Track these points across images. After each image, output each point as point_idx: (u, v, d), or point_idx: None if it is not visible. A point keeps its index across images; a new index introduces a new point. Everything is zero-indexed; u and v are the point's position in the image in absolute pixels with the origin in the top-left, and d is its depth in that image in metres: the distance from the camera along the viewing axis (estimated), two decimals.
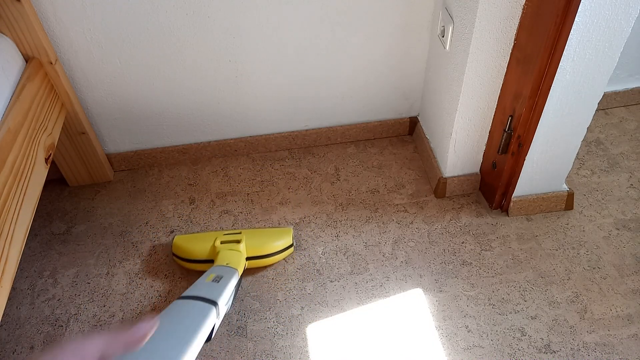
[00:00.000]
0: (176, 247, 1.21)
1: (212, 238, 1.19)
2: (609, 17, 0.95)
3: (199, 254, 1.18)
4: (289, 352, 1.07)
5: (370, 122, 1.55)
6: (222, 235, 1.20)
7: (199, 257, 1.18)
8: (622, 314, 1.11)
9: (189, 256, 1.19)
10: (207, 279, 1.02)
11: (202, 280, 1.02)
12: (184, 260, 1.21)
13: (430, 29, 1.33)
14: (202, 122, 1.45)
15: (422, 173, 1.46)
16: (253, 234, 1.22)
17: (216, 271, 1.06)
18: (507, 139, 1.19)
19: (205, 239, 1.20)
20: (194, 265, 1.20)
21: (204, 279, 1.03)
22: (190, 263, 1.20)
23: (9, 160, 0.94)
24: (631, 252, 1.23)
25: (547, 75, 1.03)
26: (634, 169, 1.44)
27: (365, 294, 1.17)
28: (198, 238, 1.22)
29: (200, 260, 1.18)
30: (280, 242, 1.21)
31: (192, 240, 1.22)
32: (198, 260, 1.19)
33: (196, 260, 1.19)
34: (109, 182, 1.48)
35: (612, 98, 1.63)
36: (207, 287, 0.98)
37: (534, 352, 1.05)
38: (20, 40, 1.12)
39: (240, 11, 1.22)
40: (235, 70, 1.34)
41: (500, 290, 1.17)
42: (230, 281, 1.03)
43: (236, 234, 1.20)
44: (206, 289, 0.97)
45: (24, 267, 1.27)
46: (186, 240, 1.22)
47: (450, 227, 1.31)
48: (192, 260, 1.20)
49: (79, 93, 1.32)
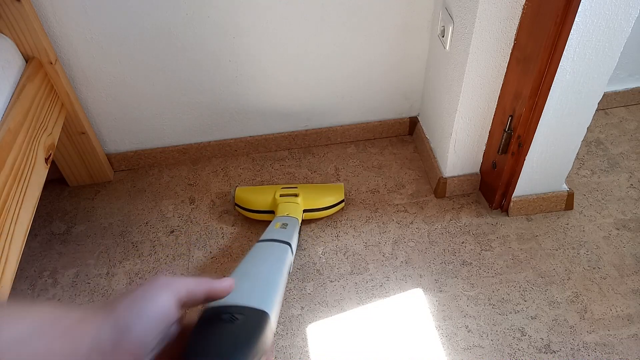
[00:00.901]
0: (239, 199, 1.32)
1: (272, 191, 1.30)
2: (609, 17, 0.95)
3: (261, 205, 1.29)
4: (289, 352, 1.07)
5: (370, 122, 1.55)
6: (280, 189, 1.31)
7: (260, 208, 1.29)
8: (622, 314, 1.11)
9: (251, 207, 1.30)
10: (276, 227, 1.12)
11: (272, 228, 1.12)
12: (246, 210, 1.31)
13: (430, 29, 1.33)
14: (202, 122, 1.45)
15: (422, 173, 1.46)
16: (308, 189, 1.32)
17: (281, 220, 1.16)
18: (507, 139, 1.19)
19: (265, 192, 1.31)
20: (256, 215, 1.31)
21: (273, 226, 1.13)
22: (253, 213, 1.31)
23: (9, 160, 0.94)
24: (631, 252, 1.23)
25: (547, 75, 1.03)
26: (634, 169, 1.44)
27: (365, 294, 1.17)
28: (258, 191, 1.33)
29: (261, 211, 1.29)
30: (333, 197, 1.32)
31: (253, 193, 1.33)
32: (260, 210, 1.29)
33: (258, 210, 1.30)
34: (109, 182, 1.48)
35: (612, 98, 1.63)
36: (278, 232, 1.08)
37: (534, 352, 1.05)
38: (20, 40, 1.12)
39: (240, 11, 1.22)
40: (235, 70, 1.34)
41: (500, 290, 1.17)
42: (295, 228, 1.13)
43: (293, 188, 1.31)
44: (278, 233, 1.07)
45: (24, 267, 1.27)
46: (248, 192, 1.33)
47: (450, 227, 1.31)
48: (255, 211, 1.30)
49: (79, 93, 1.32)
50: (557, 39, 0.97)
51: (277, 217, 1.20)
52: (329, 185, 1.37)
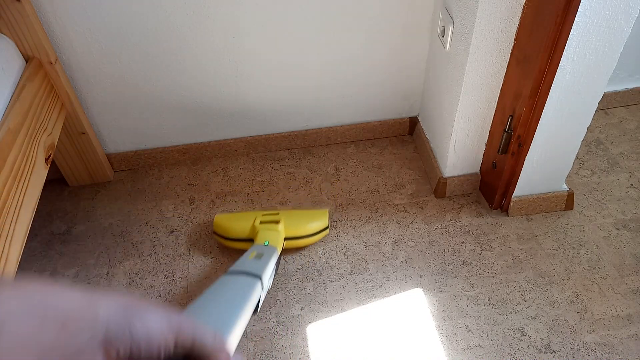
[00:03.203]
0: (217, 226, 1.25)
1: (251, 218, 1.23)
2: (609, 17, 0.95)
3: (239, 233, 1.22)
4: (289, 352, 1.07)
5: (370, 122, 1.55)
6: (261, 215, 1.24)
7: (239, 236, 1.22)
8: (622, 314, 1.11)
9: (230, 235, 1.24)
10: (250, 257, 1.06)
11: (245, 258, 1.07)
12: (225, 238, 1.25)
13: (430, 29, 1.33)
14: (202, 122, 1.45)
15: (422, 173, 1.46)
16: (290, 215, 1.26)
17: (257, 249, 1.10)
18: (507, 139, 1.19)
19: (245, 219, 1.24)
20: (235, 243, 1.24)
21: (247, 256, 1.07)
22: (231, 241, 1.24)
23: (9, 160, 0.94)
24: (631, 252, 1.23)
25: (547, 75, 1.03)
26: (634, 169, 1.44)
27: (365, 294, 1.17)
28: (238, 217, 1.26)
29: (240, 239, 1.22)
30: (317, 223, 1.25)
31: (232, 220, 1.26)
32: (238, 239, 1.23)
33: (237, 239, 1.23)
34: (109, 182, 1.48)
35: (612, 98, 1.63)
36: (250, 263, 1.03)
37: (534, 352, 1.05)
38: (20, 40, 1.12)
39: (240, 11, 1.22)
40: (235, 70, 1.34)
41: (500, 290, 1.17)
42: (271, 258, 1.07)
43: (274, 215, 1.24)
44: (250, 264, 1.02)
45: (24, 267, 1.27)
46: (227, 219, 1.26)
47: (450, 227, 1.31)
48: (233, 239, 1.24)
49: (79, 93, 1.32)
50: (557, 39, 0.97)
51: (255, 245, 1.13)
52: (312, 211, 1.30)
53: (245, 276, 0.95)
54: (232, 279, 0.94)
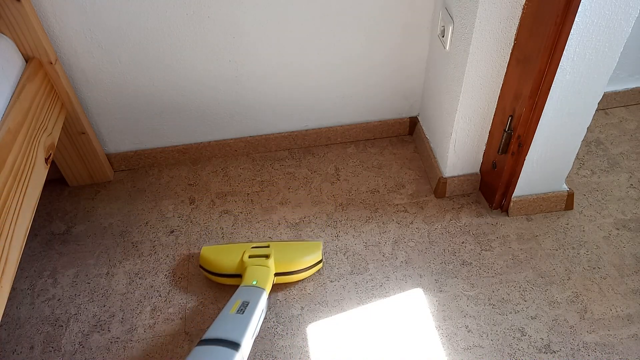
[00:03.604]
0: (204, 260, 1.18)
1: (240, 251, 1.17)
2: (609, 17, 0.95)
3: (227, 268, 1.16)
4: (289, 352, 1.07)
5: (370, 122, 1.55)
6: (250, 248, 1.18)
7: (227, 272, 1.16)
8: (622, 314, 1.11)
9: (217, 270, 1.17)
10: (232, 310, 1.00)
11: (227, 313, 1.00)
12: (211, 273, 1.18)
13: (430, 29, 1.33)
14: (202, 122, 1.45)
15: (422, 173, 1.46)
16: (281, 248, 1.19)
17: (242, 296, 1.05)
18: (507, 139, 1.19)
19: (233, 252, 1.17)
20: (222, 279, 1.18)
21: (229, 309, 1.01)
22: (218, 277, 1.18)
23: (9, 160, 0.94)
24: (631, 252, 1.23)
25: (547, 75, 1.03)
26: (634, 169, 1.44)
27: (365, 294, 1.17)
28: (225, 250, 1.19)
29: (228, 275, 1.16)
30: (310, 257, 1.18)
31: (219, 253, 1.19)
32: (226, 274, 1.16)
33: (224, 274, 1.17)
34: (109, 182, 1.48)
35: (612, 98, 1.63)
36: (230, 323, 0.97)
37: (534, 352, 1.05)
38: (20, 40, 1.12)
39: (240, 11, 1.22)
40: (235, 70, 1.34)
41: (500, 290, 1.17)
42: (257, 307, 1.02)
43: (264, 248, 1.18)
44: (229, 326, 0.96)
45: (24, 267, 1.27)
46: (214, 252, 1.19)
47: (450, 227, 1.31)
48: (220, 275, 1.17)
49: (79, 93, 1.32)
50: (557, 39, 0.97)
51: (241, 288, 1.08)
52: (305, 243, 1.23)
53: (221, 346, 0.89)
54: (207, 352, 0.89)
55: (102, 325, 1.14)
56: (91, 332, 1.13)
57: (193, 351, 0.93)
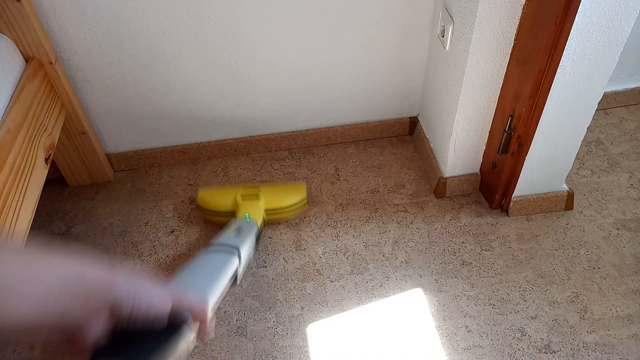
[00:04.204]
0: (201, 200, 1.32)
1: (233, 193, 1.30)
2: (609, 17, 0.95)
3: (222, 207, 1.29)
4: (289, 352, 1.07)
5: (370, 122, 1.55)
6: (242, 190, 1.31)
7: (222, 210, 1.30)
8: (622, 314, 1.11)
9: (213, 208, 1.31)
10: (230, 232, 1.12)
11: (225, 233, 1.12)
12: (208, 212, 1.32)
13: (430, 29, 1.33)
14: (202, 122, 1.45)
15: (422, 173, 1.46)
16: (270, 190, 1.33)
17: (237, 224, 1.17)
18: (507, 139, 1.19)
19: (227, 194, 1.31)
20: (218, 217, 1.31)
21: (226, 231, 1.12)
22: (214, 215, 1.32)
23: (9, 160, 0.94)
24: (631, 252, 1.23)
25: (547, 75, 1.03)
26: (634, 169, 1.44)
27: (365, 294, 1.17)
28: (220, 193, 1.33)
29: (223, 213, 1.29)
30: (295, 197, 1.32)
31: (215, 195, 1.33)
32: (221, 212, 1.30)
33: (219, 212, 1.30)
34: (109, 182, 1.48)
35: (612, 98, 1.63)
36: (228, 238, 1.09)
37: (534, 352, 1.05)
38: (20, 40, 1.12)
39: (240, 11, 1.22)
40: (235, 70, 1.34)
41: (500, 290, 1.17)
42: (250, 232, 1.13)
43: (255, 189, 1.31)
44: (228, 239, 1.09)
45: None
46: (209, 194, 1.33)
47: (450, 227, 1.31)
48: (216, 212, 1.31)
49: (79, 93, 1.32)
50: (557, 39, 0.97)
51: (235, 220, 1.20)
52: (290, 185, 1.40)
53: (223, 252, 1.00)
54: (210, 255, 0.99)
55: None
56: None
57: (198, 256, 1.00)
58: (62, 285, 0.31)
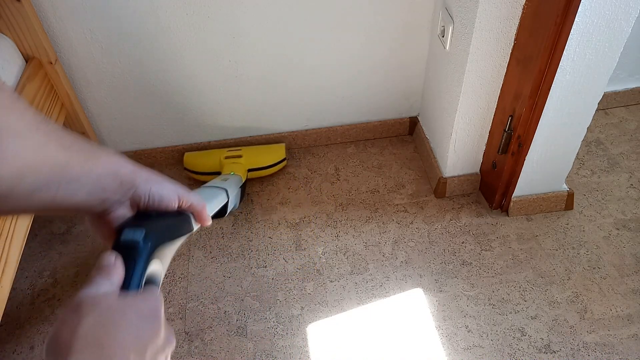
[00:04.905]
0: (187, 163, 1.42)
1: (217, 154, 1.41)
2: (609, 17, 0.95)
3: (208, 168, 1.40)
4: (289, 352, 1.07)
5: (370, 122, 1.55)
6: (225, 152, 1.42)
7: (207, 170, 1.41)
8: (622, 314, 1.11)
9: (199, 169, 1.41)
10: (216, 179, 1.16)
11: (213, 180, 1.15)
12: (195, 173, 1.42)
13: (430, 29, 1.33)
14: (202, 122, 1.45)
15: (422, 173, 1.46)
16: (252, 150, 1.43)
17: (223, 176, 1.26)
18: (507, 139, 1.19)
19: (212, 155, 1.42)
20: (204, 176, 1.42)
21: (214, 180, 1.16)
22: (201, 175, 1.42)
23: None
24: (631, 252, 1.23)
25: (547, 75, 1.03)
26: (634, 169, 1.44)
27: (365, 294, 1.17)
28: (206, 155, 1.44)
29: (209, 173, 1.41)
30: (275, 156, 1.44)
31: (200, 157, 1.43)
32: (207, 172, 1.41)
33: (205, 172, 1.41)
34: None
35: (612, 98, 1.63)
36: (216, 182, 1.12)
37: (534, 352, 1.05)
38: (20, 40, 1.12)
39: (240, 11, 1.22)
40: (235, 70, 1.34)
41: (500, 290, 1.17)
42: (235, 182, 1.19)
43: (237, 151, 1.42)
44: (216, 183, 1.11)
45: (24, 267, 1.27)
46: (195, 156, 1.43)
47: (450, 227, 1.31)
48: (202, 173, 1.41)
49: (79, 93, 1.32)
50: (557, 39, 0.97)
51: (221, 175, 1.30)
52: (271, 146, 1.48)
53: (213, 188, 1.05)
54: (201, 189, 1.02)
55: None
56: None
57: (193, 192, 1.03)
58: (106, 177, 0.39)
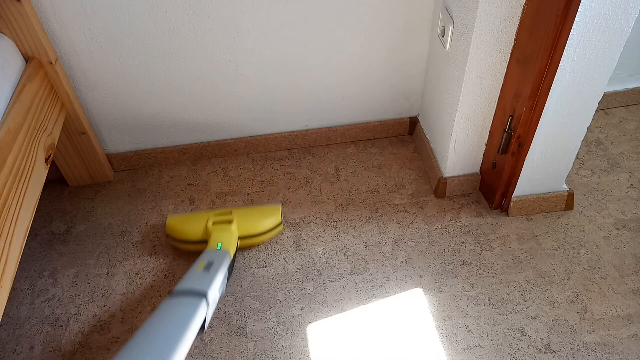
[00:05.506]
0: (170, 228, 1.23)
1: (204, 219, 1.22)
2: (609, 17, 0.95)
3: (192, 235, 1.21)
4: (289, 352, 1.07)
5: (370, 122, 1.55)
6: (213, 215, 1.22)
7: (192, 239, 1.21)
8: (622, 314, 1.11)
9: (183, 237, 1.22)
10: (199, 268, 1.05)
11: (194, 270, 1.05)
12: (178, 241, 1.23)
13: (430, 29, 1.33)
14: (202, 122, 1.45)
15: (422, 173, 1.46)
16: (243, 214, 1.24)
17: (208, 257, 1.09)
18: (507, 139, 1.19)
19: (197, 220, 1.22)
20: (188, 245, 1.23)
21: (195, 268, 1.06)
22: (184, 244, 1.23)
23: (9, 160, 0.94)
24: (631, 252, 1.23)
25: (547, 75, 1.03)
26: (634, 169, 1.44)
27: (365, 294, 1.17)
28: (190, 219, 1.24)
29: (194, 241, 1.21)
30: (270, 220, 1.25)
31: (185, 222, 1.24)
32: (192, 241, 1.21)
33: (190, 241, 1.22)
34: (109, 182, 1.48)
35: (612, 98, 1.63)
36: (197, 278, 1.01)
37: (534, 352, 1.05)
38: (20, 40, 1.12)
39: (240, 11, 1.22)
40: (235, 70, 1.34)
41: (500, 290, 1.17)
42: (221, 266, 1.06)
43: (227, 214, 1.23)
44: (196, 280, 1.01)
45: (24, 267, 1.27)
46: (179, 221, 1.24)
47: (450, 227, 1.31)
48: (186, 241, 1.22)
49: (79, 93, 1.32)
50: (557, 39, 0.97)
51: (206, 251, 1.13)
52: (265, 207, 1.30)
53: (189, 297, 0.94)
54: (175, 303, 0.93)
55: (102, 325, 1.14)
56: (91, 332, 1.13)
57: (161, 304, 0.96)
58: None
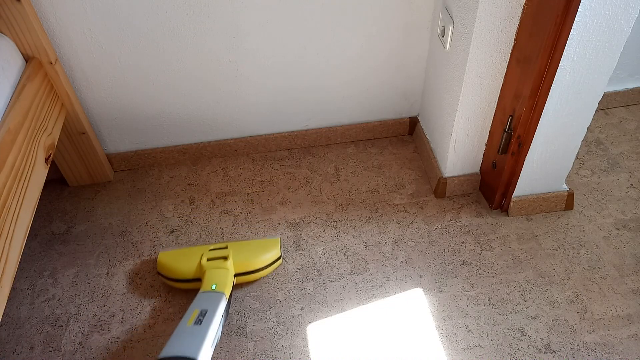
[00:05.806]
0: (161, 266, 1.15)
1: (198, 255, 1.15)
2: (609, 17, 0.95)
3: (185, 274, 1.13)
4: (289, 352, 1.07)
5: (370, 122, 1.55)
6: (207, 251, 1.16)
7: (186, 277, 1.14)
8: (622, 314, 1.11)
9: (175, 276, 1.15)
10: (189, 322, 0.98)
11: (184, 325, 0.97)
12: (170, 280, 1.16)
13: (430, 29, 1.33)
14: (202, 122, 1.45)
15: (422, 173, 1.46)
16: (240, 248, 1.17)
17: (201, 304, 1.02)
18: (507, 139, 1.19)
19: (190, 256, 1.15)
20: (181, 284, 1.16)
21: (186, 320, 0.98)
22: (178, 283, 1.16)
23: (9, 160, 0.94)
24: (631, 252, 1.23)
25: (547, 75, 1.03)
26: (634, 169, 1.44)
27: (365, 294, 1.17)
28: (183, 255, 1.17)
29: (187, 280, 1.14)
30: (268, 255, 1.17)
31: (177, 258, 1.16)
32: (185, 280, 1.14)
33: (183, 280, 1.14)
34: (109, 182, 1.48)
35: (612, 98, 1.63)
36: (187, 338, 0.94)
37: (534, 352, 1.05)
38: (20, 40, 1.12)
39: (240, 11, 1.22)
40: (235, 70, 1.34)
41: (500, 290, 1.17)
42: (215, 314, 0.99)
43: (222, 249, 1.16)
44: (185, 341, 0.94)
45: (24, 267, 1.27)
46: (171, 257, 1.16)
47: (450, 227, 1.31)
48: (179, 280, 1.15)
49: (79, 93, 1.32)
50: (557, 39, 0.97)
51: (200, 294, 1.05)
52: (263, 240, 1.22)
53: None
54: None
55: (102, 325, 1.14)
56: (91, 332, 1.13)
57: None
58: None
